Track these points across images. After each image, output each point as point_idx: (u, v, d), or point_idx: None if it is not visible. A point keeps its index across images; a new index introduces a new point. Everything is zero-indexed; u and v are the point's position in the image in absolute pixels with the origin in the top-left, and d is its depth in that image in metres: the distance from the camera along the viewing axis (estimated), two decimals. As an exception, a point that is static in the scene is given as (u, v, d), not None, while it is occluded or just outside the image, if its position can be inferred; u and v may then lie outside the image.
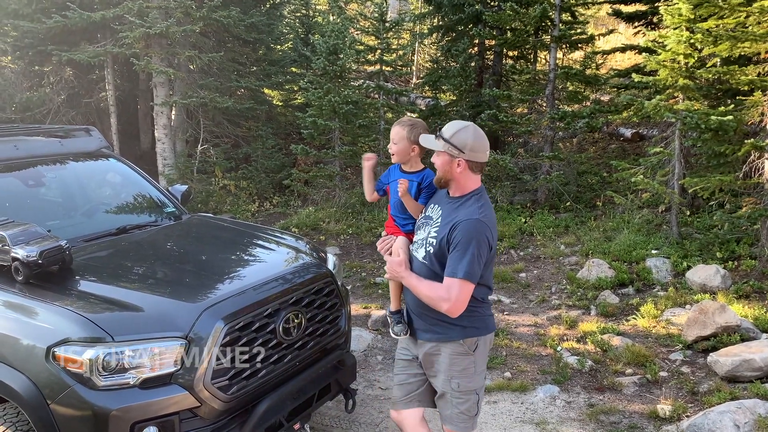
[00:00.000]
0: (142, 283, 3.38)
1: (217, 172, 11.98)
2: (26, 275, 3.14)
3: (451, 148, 2.87)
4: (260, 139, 12.36)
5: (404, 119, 3.25)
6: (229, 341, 3.06)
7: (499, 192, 9.87)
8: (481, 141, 2.92)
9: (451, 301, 2.80)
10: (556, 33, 9.43)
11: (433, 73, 12.08)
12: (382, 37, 10.82)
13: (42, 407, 2.80)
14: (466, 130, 2.90)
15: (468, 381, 3.03)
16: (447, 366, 3.02)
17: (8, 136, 4.56)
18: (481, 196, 2.95)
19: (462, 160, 2.88)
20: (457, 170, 2.90)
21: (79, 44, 11.25)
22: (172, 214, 4.64)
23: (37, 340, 2.87)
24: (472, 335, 2.99)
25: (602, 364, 5.26)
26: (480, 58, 11.71)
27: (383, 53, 10.92)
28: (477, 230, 2.80)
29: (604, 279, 6.82)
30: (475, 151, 2.89)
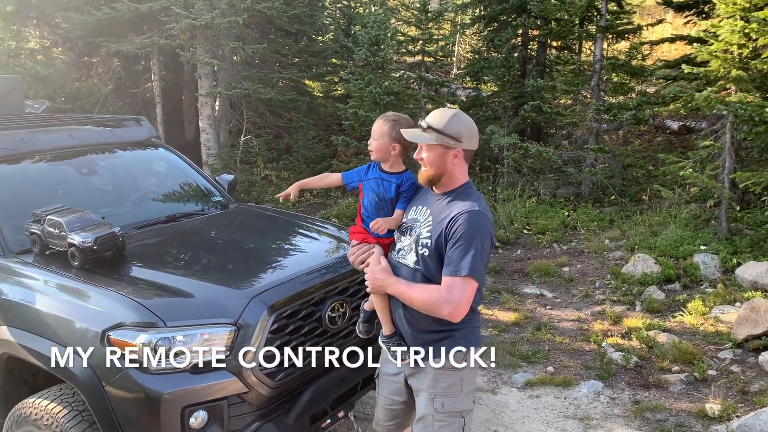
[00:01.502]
0: (192, 270, 3.45)
1: (259, 162, 12.12)
2: (82, 261, 3.23)
3: (446, 138, 2.59)
4: (301, 130, 12.44)
5: (388, 114, 2.95)
6: (277, 329, 3.10)
7: (542, 185, 9.75)
8: (473, 127, 2.68)
9: (453, 302, 2.47)
10: (603, 23, 9.24)
11: (475, 64, 11.97)
12: (424, 27, 10.76)
13: (97, 389, 2.88)
14: (458, 118, 2.63)
15: (453, 401, 2.66)
16: (431, 383, 2.68)
17: (62, 125, 4.69)
18: (473, 189, 2.71)
19: (459, 151, 2.61)
20: (453, 162, 2.62)
21: (127, 36, 11.47)
22: (219, 203, 4.71)
23: (92, 324, 2.95)
24: (459, 348, 2.64)
25: (648, 361, 5.17)
26: (523, 48, 11.56)
27: (425, 44, 10.86)
28: (480, 223, 2.52)
29: (650, 274, 6.69)
30: (470, 138, 2.64)
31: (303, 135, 12.31)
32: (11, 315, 3.24)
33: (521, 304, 6.53)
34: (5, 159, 3.95)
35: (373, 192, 2.96)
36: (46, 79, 11.61)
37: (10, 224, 3.58)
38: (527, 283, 7.15)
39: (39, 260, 3.39)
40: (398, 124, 2.84)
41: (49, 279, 3.25)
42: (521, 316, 6.20)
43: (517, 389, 4.88)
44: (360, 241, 2.95)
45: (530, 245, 8.26)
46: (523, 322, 6.11)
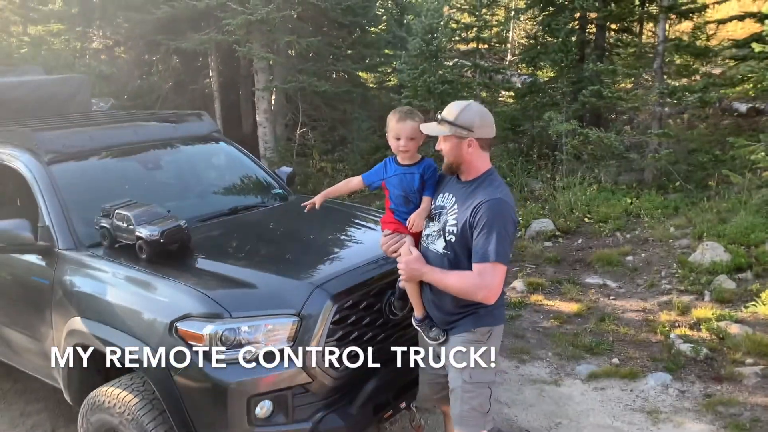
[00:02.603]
0: (254, 261, 3.50)
1: (314, 154, 12.22)
2: (149, 253, 3.31)
3: (459, 129, 2.74)
4: (356, 121, 12.47)
5: (403, 110, 3.05)
6: (339, 319, 3.11)
7: (603, 171, 9.47)
8: (486, 116, 2.82)
9: (486, 286, 2.68)
10: (666, 2, 8.89)
11: (531, 49, 11.72)
12: (479, 14, 10.61)
13: (166, 378, 2.96)
14: (469, 109, 2.79)
15: (480, 373, 2.85)
16: (459, 356, 2.87)
17: (128, 122, 4.83)
18: (495, 176, 2.86)
19: (472, 140, 2.76)
20: (468, 151, 2.78)
21: (185, 33, 11.72)
22: (279, 195, 4.76)
23: (160, 315, 3.03)
24: (485, 324, 2.86)
25: (719, 353, 4.98)
26: (581, 32, 11.24)
27: (479, 31, 10.69)
28: (502, 209, 2.69)
29: (719, 263, 6.42)
30: (483, 126, 2.78)
31: (357, 126, 12.33)
32: (84, 306, 3.35)
33: (584, 295, 6.38)
34: (74, 156, 4.08)
35: (398, 188, 3.08)
36: (109, 77, 12.01)
37: (81, 218, 3.70)
38: (589, 272, 6.98)
39: (109, 253, 3.50)
40: (418, 116, 3.01)
41: (118, 271, 3.35)
42: (584, 307, 6.06)
43: (581, 381, 4.77)
44: (392, 230, 3.09)
45: (592, 234, 8.05)
46: (586, 313, 5.97)
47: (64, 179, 3.87)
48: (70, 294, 3.44)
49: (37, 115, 5.23)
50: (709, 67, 12.70)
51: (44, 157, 3.91)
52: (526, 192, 9.83)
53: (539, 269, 7.17)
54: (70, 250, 3.57)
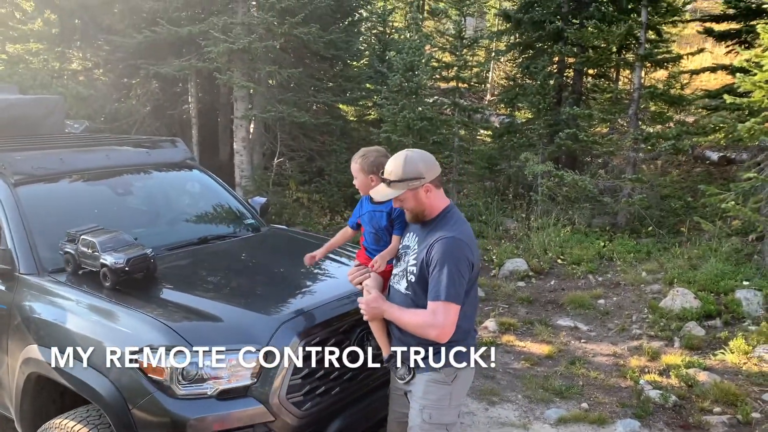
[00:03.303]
0: (221, 293, 3.42)
1: (291, 184, 12.16)
2: (113, 281, 3.22)
3: (410, 182, 2.77)
4: (334, 153, 12.48)
5: (357, 153, 3.16)
6: (305, 356, 3.04)
7: (576, 214, 9.57)
8: (427, 157, 2.86)
9: (438, 326, 2.67)
10: (642, 51, 9.12)
11: (509, 91, 11.91)
12: (459, 54, 10.77)
13: (123, 412, 2.84)
14: (409, 159, 2.81)
15: (440, 413, 2.83)
16: (421, 394, 2.85)
17: (100, 146, 4.75)
18: (453, 213, 2.88)
19: (427, 184, 2.79)
20: (427, 196, 2.81)
21: (166, 58, 11.69)
22: (252, 225, 4.69)
23: (120, 346, 2.92)
24: (450, 365, 2.82)
25: (687, 401, 4.97)
26: (559, 75, 11.47)
27: (460, 70, 10.84)
28: (453, 248, 2.70)
29: (689, 309, 6.47)
30: (430, 168, 2.82)
31: (336, 158, 12.33)
32: (42, 333, 3.24)
33: (555, 337, 6.36)
34: (44, 178, 4.00)
35: (369, 225, 3.18)
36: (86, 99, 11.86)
37: (45, 243, 3.60)
38: (561, 314, 6.97)
39: (72, 280, 3.40)
40: (366, 158, 3.08)
41: (80, 299, 3.25)
42: (555, 349, 6.03)
43: (549, 425, 4.71)
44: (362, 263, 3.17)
45: (564, 275, 8.09)
46: (557, 356, 5.94)
47: (30, 202, 3.78)
48: (29, 320, 3.33)
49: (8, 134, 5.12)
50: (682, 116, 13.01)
51: (11, 179, 3.82)
52: (501, 231, 9.88)
53: (512, 309, 7.15)
54: (32, 274, 3.47)
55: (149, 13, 11.39)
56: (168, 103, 13.46)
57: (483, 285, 7.62)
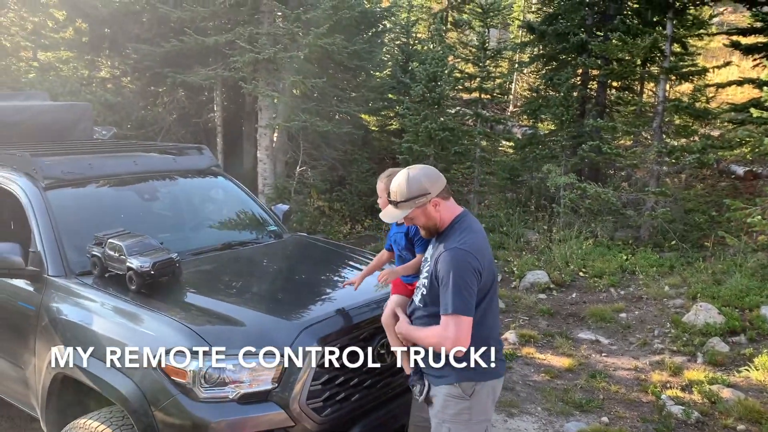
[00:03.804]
0: (244, 298, 3.46)
1: (313, 193, 12.24)
2: (139, 284, 3.28)
3: (416, 200, 2.77)
4: (356, 162, 12.55)
5: (384, 172, 3.19)
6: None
7: (599, 226, 9.49)
8: (429, 172, 2.85)
9: (451, 339, 2.65)
10: (667, 64, 9.05)
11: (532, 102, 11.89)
12: (483, 65, 10.78)
13: (146, 413, 2.89)
14: (411, 178, 2.80)
15: (461, 428, 2.79)
16: (440, 407, 2.82)
17: (128, 152, 4.84)
18: (462, 222, 2.84)
19: (434, 199, 2.79)
20: (437, 209, 2.81)
21: (193, 67, 11.87)
22: (274, 232, 4.74)
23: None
24: (468, 379, 2.77)
25: (710, 417, 4.90)
26: (583, 88, 11.43)
27: (482, 81, 10.86)
28: (457, 259, 2.67)
29: (713, 325, 6.38)
30: (434, 182, 2.81)
31: (357, 168, 12.40)
32: (69, 335, 3.30)
33: (576, 350, 6.31)
34: (72, 182, 4.08)
35: (395, 246, 3.29)
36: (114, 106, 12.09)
37: (73, 246, 3.67)
38: (582, 327, 6.92)
39: (98, 282, 3.46)
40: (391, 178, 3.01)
41: (106, 301, 3.31)
42: (575, 362, 5.99)
43: (569, 439, 4.68)
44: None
45: (586, 288, 8.02)
46: (578, 369, 5.89)
47: (59, 205, 3.86)
48: (56, 321, 3.39)
49: (39, 139, 5.25)
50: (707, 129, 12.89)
51: (41, 182, 3.90)
52: (522, 242, 9.83)
53: (532, 321, 7.11)
54: (60, 276, 3.54)
55: (176, 22, 11.59)
56: (193, 111, 13.65)
57: (503, 296, 7.59)
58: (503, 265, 8.84)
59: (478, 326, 2.77)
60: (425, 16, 20.28)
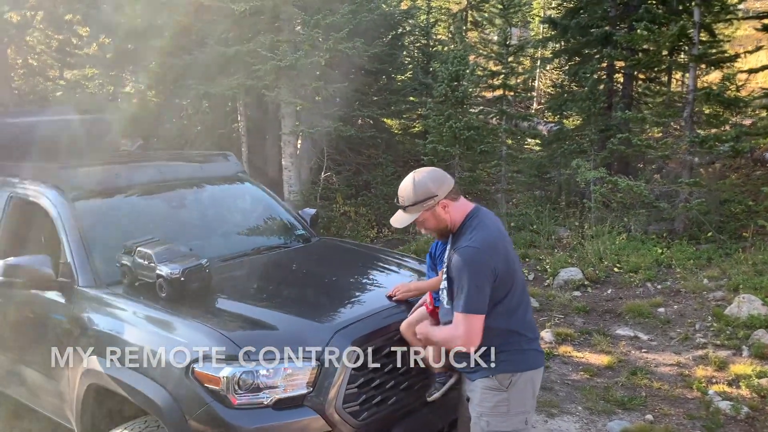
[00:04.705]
0: (275, 302, 3.40)
1: (338, 198, 12.21)
2: (169, 292, 3.24)
3: (424, 203, 2.76)
4: (380, 166, 12.50)
5: None
6: (361, 365, 2.98)
7: (632, 220, 9.27)
8: (435, 174, 2.85)
9: (461, 336, 2.67)
10: (696, 51, 8.82)
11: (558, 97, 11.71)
12: (506, 61, 10.65)
13: (181, 422, 2.84)
14: (417, 181, 2.80)
15: (499, 421, 2.76)
16: (478, 401, 2.81)
17: (154, 161, 4.84)
18: (473, 219, 2.81)
19: (442, 201, 2.77)
20: (446, 211, 2.79)
21: (216, 78, 11.93)
22: (302, 236, 4.69)
23: (177, 356, 2.92)
24: (504, 370, 2.75)
25: (761, 412, 4.70)
26: (609, 80, 11.22)
27: (506, 78, 10.72)
28: (467, 258, 2.66)
29: (758, 317, 6.16)
30: (441, 184, 2.79)
31: (382, 171, 12.34)
32: (101, 345, 3.27)
33: (614, 347, 6.14)
34: (100, 193, 4.08)
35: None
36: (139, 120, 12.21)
37: (103, 256, 3.66)
38: (620, 324, 6.74)
39: (129, 291, 3.44)
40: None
41: (137, 310, 3.28)
42: (614, 359, 5.82)
43: (613, 438, 4.53)
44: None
45: (621, 284, 7.83)
46: (617, 366, 5.73)
47: (88, 216, 3.86)
48: (87, 332, 3.37)
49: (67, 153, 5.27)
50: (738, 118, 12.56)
51: (69, 194, 3.91)
52: (554, 240, 9.65)
53: (567, 319, 6.95)
54: (90, 287, 3.52)
55: (197, 35, 11.67)
56: (218, 122, 13.73)
57: (537, 295, 7.44)
58: (535, 264, 8.68)
59: (507, 318, 2.76)
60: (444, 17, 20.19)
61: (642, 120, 9.42)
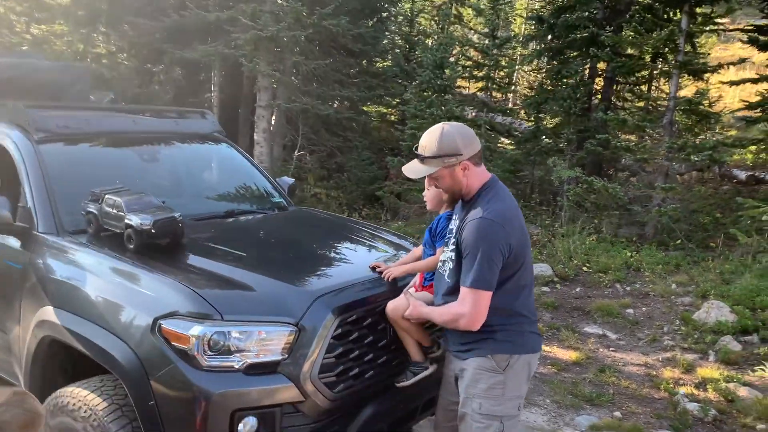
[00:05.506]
0: (252, 264, 3.16)
1: (310, 179, 11.99)
2: (138, 243, 3.01)
3: (446, 159, 2.56)
4: (355, 149, 12.30)
5: None
6: (340, 334, 2.80)
7: (604, 222, 9.28)
8: (466, 132, 2.62)
9: (466, 314, 2.51)
10: (681, 58, 8.84)
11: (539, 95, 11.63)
12: (491, 53, 10.54)
13: (143, 382, 2.62)
14: (446, 133, 2.58)
15: (492, 404, 2.60)
16: (469, 381, 2.64)
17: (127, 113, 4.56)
18: (490, 189, 2.63)
19: (465, 162, 2.57)
20: (465, 174, 2.60)
21: (192, 44, 11.56)
22: (279, 204, 4.48)
23: (143, 311, 2.70)
24: (503, 351, 2.60)
25: (728, 416, 4.69)
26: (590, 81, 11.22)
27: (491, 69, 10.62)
28: (481, 230, 2.48)
29: (725, 323, 6.18)
30: (469, 143, 2.59)
31: (357, 155, 12.15)
32: (59, 296, 3.03)
33: (582, 344, 6.09)
34: (67, 138, 3.81)
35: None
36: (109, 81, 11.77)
37: (66, 203, 3.40)
38: (588, 321, 6.70)
39: (93, 241, 3.20)
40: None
41: (101, 261, 3.03)
42: (582, 356, 5.77)
43: (581, 433, 4.46)
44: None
45: (590, 283, 7.81)
46: (585, 363, 5.68)
47: (52, 161, 3.58)
48: (45, 281, 3.12)
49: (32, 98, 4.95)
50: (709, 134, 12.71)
51: (34, 135, 3.63)
52: (525, 236, 9.60)
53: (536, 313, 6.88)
54: (50, 234, 3.26)
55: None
56: (190, 90, 13.36)
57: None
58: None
59: (513, 298, 2.60)
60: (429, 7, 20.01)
61: (623, 122, 9.39)
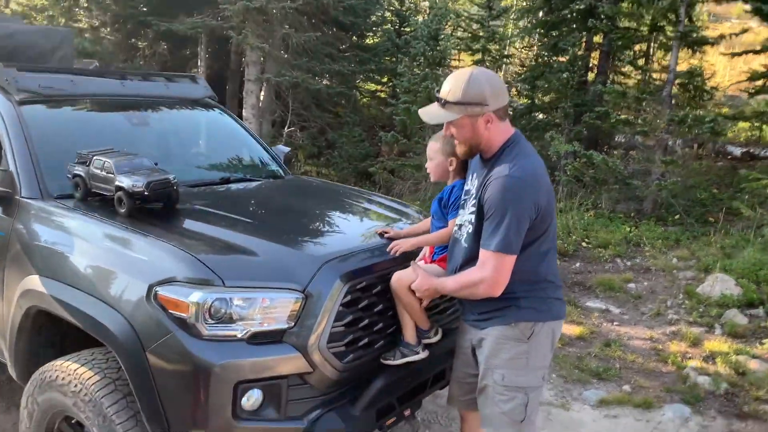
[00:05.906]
0: (254, 229, 2.96)
1: (300, 156, 11.73)
2: (130, 207, 2.79)
3: (469, 108, 2.33)
4: (347, 126, 12.04)
5: (438, 133, 2.73)
6: (349, 302, 2.62)
7: (603, 197, 9.12)
8: (495, 81, 2.41)
9: (487, 279, 2.31)
10: (681, 29, 8.65)
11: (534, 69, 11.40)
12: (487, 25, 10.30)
13: (137, 354, 2.42)
14: (474, 79, 2.35)
15: (516, 374, 2.44)
16: (490, 352, 2.47)
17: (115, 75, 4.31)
18: (514, 145, 2.41)
19: (489, 114, 2.34)
20: (487, 127, 2.37)
21: (178, 16, 11.21)
22: (275, 172, 4.27)
23: (137, 277, 2.50)
24: (527, 318, 2.42)
25: (740, 389, 4.57)
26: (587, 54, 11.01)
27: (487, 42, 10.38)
28: (509, 189, 2.27)
29: (730, 297, 6.07)
30: (497, 94, 2.36)
31: (348, 131, 11.89)
32: (45, 264, 2.82)
33: (586, 318, 5.96)
34: (52, 99, 3.57)
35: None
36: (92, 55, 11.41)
37: (50, 167, 3.18)
38: (590, 296, 6.57)
39: (80, 205, 2.99)
40: (449, 140, 2.62)
41: (90, 225, 2.83)
42: (587, 330, 5.64)
43: (590, 407, 4.32)
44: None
45: (590, 258, 7.68)
46: (589, 337, 5.55)
47: (35, 122, 3.35)
48: (29, 248, 2.90)
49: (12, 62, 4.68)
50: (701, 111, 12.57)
51: (16, 96, 3.40)
52: (520, 212, 9.45)
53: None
54: (35, 199, 3.04)
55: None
56: (176, 65, 13.02)
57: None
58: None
59: (538, 262, 2.42)
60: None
61: (622, 95, 9.20)
